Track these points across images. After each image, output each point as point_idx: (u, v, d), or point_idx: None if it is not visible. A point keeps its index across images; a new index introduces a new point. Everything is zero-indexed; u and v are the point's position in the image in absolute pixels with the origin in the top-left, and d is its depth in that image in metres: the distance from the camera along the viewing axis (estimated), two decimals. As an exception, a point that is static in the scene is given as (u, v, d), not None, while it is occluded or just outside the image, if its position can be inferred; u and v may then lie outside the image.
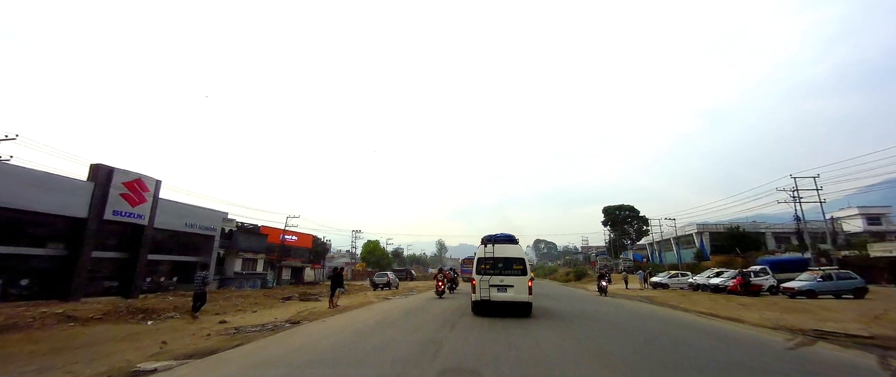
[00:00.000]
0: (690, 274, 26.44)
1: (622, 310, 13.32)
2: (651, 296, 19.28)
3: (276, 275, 41.17)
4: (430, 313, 11.73)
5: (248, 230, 37.28)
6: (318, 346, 6.65)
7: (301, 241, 47.91)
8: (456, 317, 10.52)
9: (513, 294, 10.48)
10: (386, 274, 29.74)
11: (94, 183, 22.30)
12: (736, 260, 41.87)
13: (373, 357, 5.71)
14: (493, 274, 10.74)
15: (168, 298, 21.31)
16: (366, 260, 78.85)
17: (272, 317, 10.44)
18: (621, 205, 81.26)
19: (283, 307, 13.13)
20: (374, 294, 22.27)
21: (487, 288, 10.50)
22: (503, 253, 10.91)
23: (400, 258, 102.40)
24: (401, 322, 9.77)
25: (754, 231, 48.74)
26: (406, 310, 12.90)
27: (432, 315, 11.29)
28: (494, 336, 7.48)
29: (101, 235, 22.75)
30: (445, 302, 16.77)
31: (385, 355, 5.84)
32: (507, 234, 11.59)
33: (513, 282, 10.57)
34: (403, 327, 8.79)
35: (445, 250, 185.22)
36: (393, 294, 22.98)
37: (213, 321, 9.84)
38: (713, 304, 15.14)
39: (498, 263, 10.81)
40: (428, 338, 7.15)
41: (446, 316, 10.97)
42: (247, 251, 35.60)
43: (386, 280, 28.41)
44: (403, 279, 56.73)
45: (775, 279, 19.33)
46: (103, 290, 23.36)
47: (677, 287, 24.53)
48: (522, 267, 10.75)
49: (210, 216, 31.44)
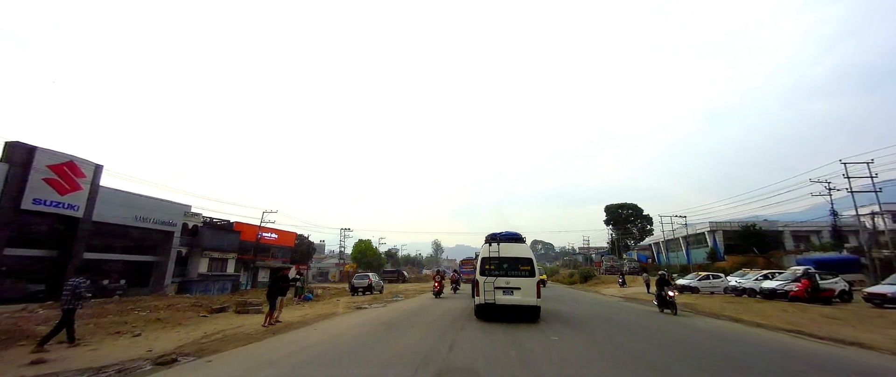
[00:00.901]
0: (723, 275, 22.82)
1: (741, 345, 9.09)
2: (693, 303, 15.64)
3: (251, 277, 37.17)
4: (411, 333, 7.98)
5: (216, 226, 33.30)
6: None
7: (282, 239, 43.88)
8: (454, 332, 7.39)
9: (520, 297, 9.77)
10: (367, 276, 24.51)
11: (7, 164, 18.30)
12: (756, 260, 38.59)
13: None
14: (498, 275, 9.97)
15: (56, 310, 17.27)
16: (357, 260, 74.78)
17: (144, 349, 6.51)
18: (624, 203, 78.17)
19: (194, 326, 9.14)
20: (349, 301, 18.44)
21: (492, 290, 9.75)
22: (509, 252, 10.24)
23: (394, 259, 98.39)
24: (352, 355, 6.00)
25: (771, 229, 45.43)
26: (375, 327, 9.14)
27: (415, 336, 7.58)
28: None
29: (17, 228, 18.76)
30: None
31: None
32: (512, 232, 10.98)
33: (520, 283, 9.86)
34: (353, 363, 5.12)
35: (442, 251, 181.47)
36: (373, 300, 19.16)
37: (27, 358, 5.86)
38: (788, 315, 11.51)
39: (503, 263, 10.13)
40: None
41: (437, 334, 7.32)
42: (214, 250, 31.61)
43: (367, 283, 23.74)
44: (393, 281, 52.69)
45: (846, 283, 15.81)
46: (25, 295, 19.31)
47: (709, 291, 20.95)
48: (530, 267, 10.05)
49: (168, 209, 27.45)
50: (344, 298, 20.39)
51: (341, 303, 16.78)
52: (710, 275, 21.97)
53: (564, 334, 8.07)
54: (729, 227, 47.08)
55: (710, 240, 47.83)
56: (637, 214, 77.44)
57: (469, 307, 13.02)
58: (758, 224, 45.16)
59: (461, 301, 17.11)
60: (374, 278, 24.88)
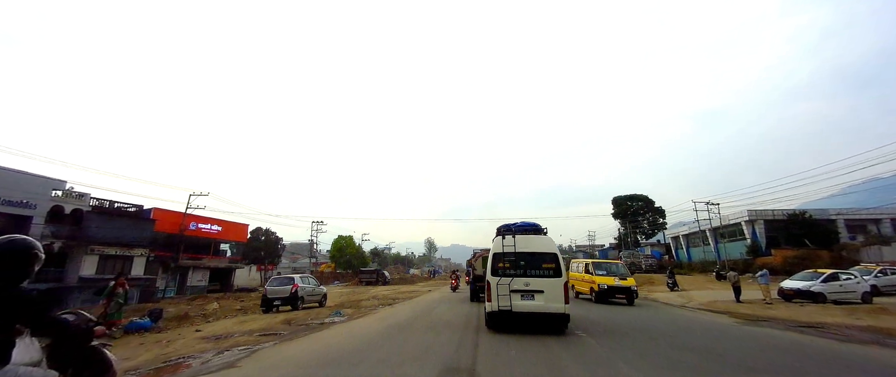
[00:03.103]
0: (856, 275, 14.89)
1: None
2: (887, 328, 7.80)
3: (178, 281, 28.59)
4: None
5: (115, 212, 24.64)
6: None
7: (229, 233, 35.22)
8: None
9: (543, 302, 7.90)
10: (290, 280, 15.70)
11: None
12: (819, 254, 31.05)
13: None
14: (515, 275, 8.11)
15: None
16: (335, 260, 66.18)
17: None
18: (633, 194, 71.26)
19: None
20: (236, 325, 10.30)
21: (508, 294, 7.96)
22: (528, 246, 8.33)
23: (380, 257, 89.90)
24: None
25: (823, 217, 38.05)
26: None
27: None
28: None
29: None
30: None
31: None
32: (531, 223, 9.06)
33: (542, 285, 7.98)
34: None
35: (435, 250, 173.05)
36: (290, 322, 10.92)
37: None
38: None
39: (520, 260, 8.22)
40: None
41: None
42: (109, 243, 23.04)
43: (289, 292, 14.84)
44: (371, 283, 44.22)
45: None
46: None
47: (837, 297, 13.15)
48: (555, 265, 8.08)
49: (20, 184, 18.84)
50: (229, 321, 12.10)
51: (232, 326, 8.64)
52: (838, 275, 13.92)
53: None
54: (771, 216, 39.59)
55: (747, 232, 40.27)
56: (648, 207, 70.55)
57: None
58: (808, 212, 37.71)
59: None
60: (305, 284, 16.22)
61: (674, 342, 7.19)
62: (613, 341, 7.10)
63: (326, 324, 10.49)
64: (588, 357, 5.78)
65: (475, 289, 16.05)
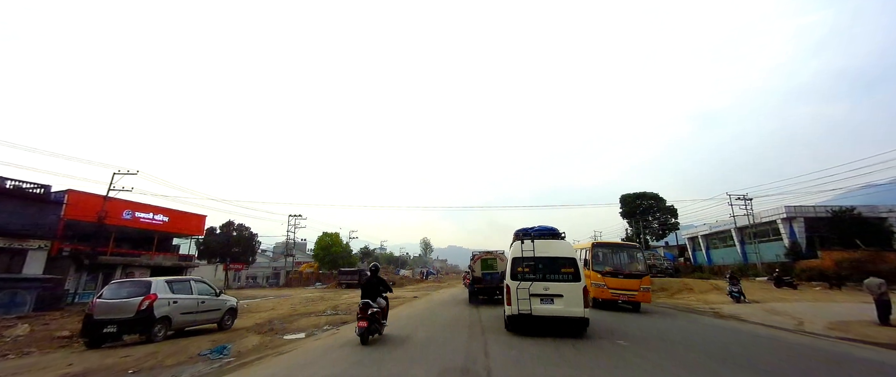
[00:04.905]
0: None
1: None
2: None
3: (102, 282, 23.04)
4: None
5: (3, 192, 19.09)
6: None
7: (177, 224, 29.65)
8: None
9: (562, 306, 8.02)
10: (145, 283, 9.21)
11: None
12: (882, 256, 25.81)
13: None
14: (534, 279, 8.26)
15: None
16: (319, 258, 60.58)
17: None
18: (642, 192, 66.08)
19: None
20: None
21: (527, 297, 8.07)
22: (546, 251, 8.50)
23: (371, 257, 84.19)
24: None
25: (873, 215, 32.92)
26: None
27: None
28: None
29: None
30: None
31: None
32: (548, 227, 9.29)
33: (561, 289, 8.10)
34: None
35: (431, 251, 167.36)
36: (119, 367, 5.52)
37: None
38: None
39: (539, 265, 8.40)
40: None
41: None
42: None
43: (135, 308, 8.44)
44: (352, 285, 38.74)
45: None
46: None
47: None
48: (573, 269, 8.25)
49: None
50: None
51: None
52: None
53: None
54: (812, 213, 34.42)
55: (784, 230, 35.05)
56: (658, 205, 65.47)
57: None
58: (856, 208, 32.54)
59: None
60: (180, 293, 9.83)
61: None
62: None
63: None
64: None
65: (473, 290, 16.13)
